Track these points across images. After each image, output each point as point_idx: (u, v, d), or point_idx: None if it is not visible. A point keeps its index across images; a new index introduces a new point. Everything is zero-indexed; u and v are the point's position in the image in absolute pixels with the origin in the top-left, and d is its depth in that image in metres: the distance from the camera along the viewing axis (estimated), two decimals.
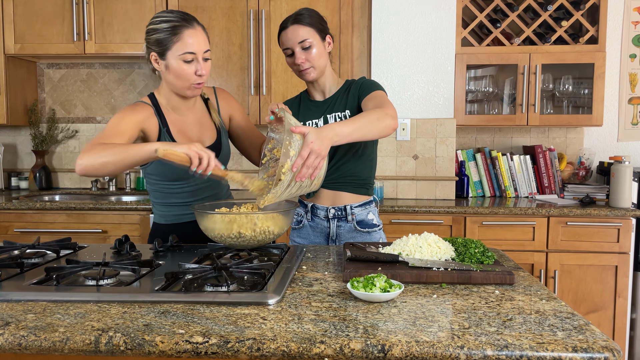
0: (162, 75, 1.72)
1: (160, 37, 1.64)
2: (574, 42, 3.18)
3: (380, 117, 1.58)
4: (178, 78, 1.67)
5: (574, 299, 2.88)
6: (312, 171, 1.41)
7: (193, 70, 1.66)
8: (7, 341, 0.98)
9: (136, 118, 1.67)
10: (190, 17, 1.67)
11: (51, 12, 3.22)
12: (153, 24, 1.67)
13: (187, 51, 1.63)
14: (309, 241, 1.94)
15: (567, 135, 3.47)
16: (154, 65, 1.70)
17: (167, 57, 1.65)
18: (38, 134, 3.56)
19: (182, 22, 1.64)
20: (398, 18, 3.16)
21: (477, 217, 2.88)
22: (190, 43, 1.63)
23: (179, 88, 1.71)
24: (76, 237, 2.86)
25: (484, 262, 1.39)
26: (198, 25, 1.67)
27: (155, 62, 1.69)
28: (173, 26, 1.63)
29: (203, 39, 1.67)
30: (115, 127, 1.62)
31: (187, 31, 1.64)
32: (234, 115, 1.93)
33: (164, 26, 1.63)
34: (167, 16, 1.65)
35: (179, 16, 1.65)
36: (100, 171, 1.50)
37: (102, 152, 1.48)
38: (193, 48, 1.64)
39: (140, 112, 1.69)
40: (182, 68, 1.65)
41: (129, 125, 1.64)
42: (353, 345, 0.93)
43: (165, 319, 1.05)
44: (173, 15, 1.65)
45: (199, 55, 1.65)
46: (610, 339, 0.95)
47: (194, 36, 1.64)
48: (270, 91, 3.17)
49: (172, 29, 1.63)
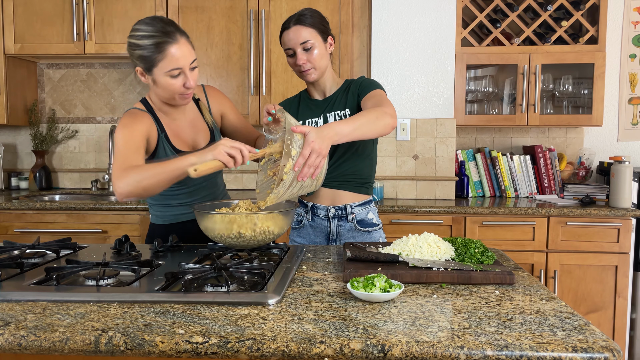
0: (150, 87, 1.70)
1: (144, 54, 1.59)
2: (574, 42, 3.18)
3: (379, 116, 1.59)
4: (166, 91, 1.65)
5: (574, 299, 2.88)
6: (313, 170, 1.42)
7: (181, 84, 1.63)
8: (7, 341, 0.98)
9: (143, 128, 1.66)
10: (172, 28, 1.61)
11: (51, 12, 3.22)
12: (134, 37, 1.60)
13: (174, 67, 1.60)
14: (310, 241, 1.94)
15: (567, 135, 3.47)
16: (140, 78, 1.67)
17: (154, 72, 1.62)
18: (38, 134, 3.56)
19: (164, 38, 1.57)
20: (398, 18, 3.16)
21: (477, 217, 2.88)
22: (176, 59, 1.59)
23: (168, 99, 1.70)
24: (76, 237, 2.86)
25: (484, 262, 1.39)
26: (181, 37, 1.61)
27: (141, 75, 1.65)
28: (156, 43, 1.57)
29: (188, 50, 1.62)
30: (129, 144, 1.60)
31: (172, 47, 1.58)
32: (225, 112, 1.92)
33: (147, 42, 1.58)
34: (148, 31, 1.58)
35: (160, 30, 1.58)
36: (143, 195, 1.52)
37: (139, 176, 1.49)
38: (179, 63, 1.60)
39: (143, 122, 1.68)
40: (169, 83, 1.62)
41: (139, 137, 1.63)
42: (353, 345, 0.93)
43: (165, 319, 1.05)
44: (154, 30, 1.58)
45: (186, 68, 1.62)
46: (610, 339, 0.95)
47: (179, 50, 1.59)
48: (270, 91, 3.17)
49: (156, 46, 1.57)
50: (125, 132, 1.62)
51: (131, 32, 1.62)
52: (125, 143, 1.60)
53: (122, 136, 1.61)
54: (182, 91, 1.65)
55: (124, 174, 1.50)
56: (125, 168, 1.52)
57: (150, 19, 1.62)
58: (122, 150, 1.58)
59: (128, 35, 1.63)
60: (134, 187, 1.49)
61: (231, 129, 1.94)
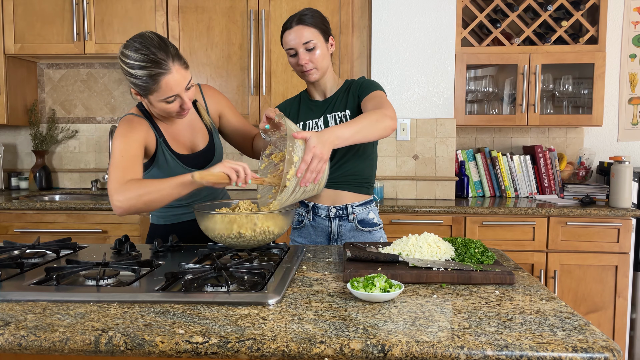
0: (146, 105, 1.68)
1: (138, 83, 1.56)
2: (574, 42, 3.18)
3: (380, 119, 1.59)
4: (163, 112, 1.65)
5: (574, 299, 2.88)
6: (315, 175, 1.43)
7: (177, 106, 1.62)
8: (7, 341, 0.98)
9: (139, 137, 1.64)
10: (163, 55, 1.53)
11: (51, 12, 3.22)
12: (126, 65, 1.55)
13: (169, 95, 1.58)
14: (311, 241, 1.94)
15: (567, 135, 3.47)
16: (136, 97, 1.64)
17: (149, 98, 1.60)
18: (38, 134, 3.56)
19: (157, 70, 1.53)
20: (398, 18, 3.16)
21: (477, 217, 2.88)
22: (170, 88, 1.56)
23: (164, 117, 1.70)
24: (76, 237, 2.87)
25: (484, 262, 1.39)
26: (174, 64, 1.55)
27: (137, 95, 1.63)
28: (149, 75, 1.53)
29: (181, 76, 1.57)
30: (127, 154, 1.58)
31: (165, 78, 1.54)
32: (223, 112, 1.91)
33: (140, 73, 1.53)
34: (139, 60, 1.52)
35: (152, 60, 1.52)
36: (144, 210, 1.51)
37: (140, 191, 1.47)
38: (174, 92, 1.57)
39: (139, 130, 1.66)
40: (166, 107, 1.61)
41: (135, 146, 1.62)
42: (353, 345, 0.93)
43: (165, 319, 1.05)
44: (146, 59, 1.52)
45: (182, 93, 1.60)
46: (610, 339, 0.95)
47: (172, 79, 1.55)
48: (270, 91, 3.17)
49: (149, 78, 1.53)
50: (122, 142, 1.60)
51: (121, 55, 1.57)
52: (123, 154, 1.57)
53: (118, 147, 1.59)
54: (179, 111, 1.65)
55: (123, 187, 1.49)
56: (125, 182, 1.50)
57: (139, 44, 1.54)
58: (120, 162, 1.55)
59: (119, 54, 1.58)
60: (136, 201, 1.47)
61: (230, 129, 1.93)
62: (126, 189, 1.48)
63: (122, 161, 1.56)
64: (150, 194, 1.47)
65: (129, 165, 1.56)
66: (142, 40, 1.55)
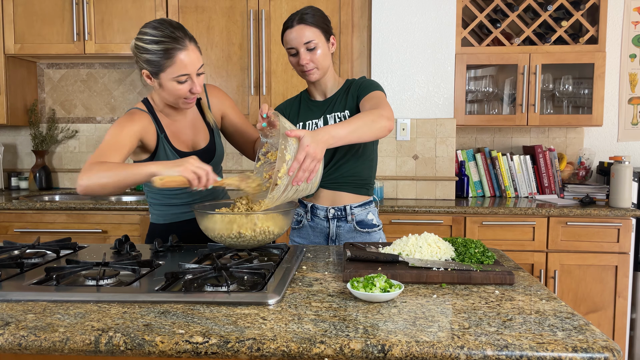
0: (155, 89, 1.70)
1: (151, 59, 1.58)
2: (574, 42, 3.18)
3: (376, 119, 1.58)
4: (172, 95, 1.65)
5: (574, 299, 2.88)
6: (308, 175, 1.41)
7: (187, 89, 1.63)
8: (7, 341, 0.98)
9: (134, 129, 1.65)
10: (180, 33, 1.59)
11: (51, 12, 3.22)
12: (142, 41, 1.58)
13: (181, 74, 1.59)
14: (309, 241, 1.94)
15: (567, 135, 3.47)
16: (146, 81, 1.66)
17: (161, 77, 1.61)
18: (38, 134, 3.56)
19: (173, 44, 1.56)
20: (398, 18, 3.16)
21: (477, 217, 2.88)
22: (184, 65, 1.58)
23: (172, 102, 1.70)
24: (76, 237, 2.86)
25: (484, 262, 1.39)
26: (190, 43, 1.60)
27: (147, 78, 1.64)
28: (165, 49, 1.56)
29: (196, 56, 1.61)
30: (114, 141, 1.59)
31: (181, 53, 1.57)
32: (226, 112, 1.91)
33: (155, 48, 1.56)
34: (156, 35, 1.57)
35: (169, 35, 1.57)
36: (101, 192, 1.49)
37: (101, 173, 1.47)
38: (187, 70, 1.59)
39: (138, 122, 1.67)
40: (176, 88, 1.62)
41: (127, 137, 1.62)
42: (353, 345, 0.93)
43: (165, 319, 1.05)
44: (163, 35, 1.57)
45: (193, 74, 1.61)
46: (610, 339, 0.95)
47: (187, 57, 1.58)
48: (270, 91, 3.17)
49: (164, 52, 1.56)
50: (115, 129, 1.62)
51: (139, 34, 1.61)
52: (109, 140, 1.59)
53: (109, 133, 1.61)
54: (187, 96, 1.65)
55: (90, 167, 1.49)
56: (93, 163, 1.50)
57: (158, 23, 1.60)
58: (103, 146, 1.57)
59: (135, 38, 1.62)
60: (93, 182, 1.47)
61: (232, 129, 1.93)
62: (90, 169, 1.48)
63: (104, 146, 1.57)
64: (106, 178, 1.47)
65: (109, 151, 1.56)
66: (162, 20, 1.62)
